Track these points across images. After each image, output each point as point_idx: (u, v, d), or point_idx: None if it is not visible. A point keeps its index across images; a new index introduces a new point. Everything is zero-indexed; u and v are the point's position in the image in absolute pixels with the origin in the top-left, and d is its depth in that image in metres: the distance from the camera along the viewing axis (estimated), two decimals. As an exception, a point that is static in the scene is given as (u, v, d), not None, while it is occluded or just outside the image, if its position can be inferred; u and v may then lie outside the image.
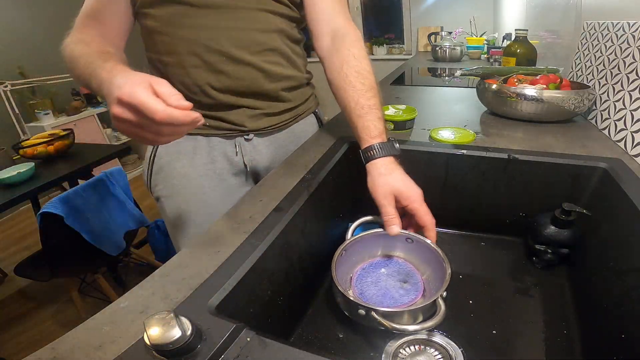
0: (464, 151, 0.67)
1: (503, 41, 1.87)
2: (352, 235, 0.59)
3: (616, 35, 0.71)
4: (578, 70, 0.88)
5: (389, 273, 0.58)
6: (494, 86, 0.84)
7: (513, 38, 1.33)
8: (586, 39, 0.85)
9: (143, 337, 0.29)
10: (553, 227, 0.59)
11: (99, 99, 3.02)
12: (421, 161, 0.70)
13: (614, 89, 0.69)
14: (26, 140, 1.77)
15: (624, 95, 0.66)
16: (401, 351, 0.46)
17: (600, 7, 0.84)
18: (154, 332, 0.28)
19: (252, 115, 0.73)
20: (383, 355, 0.46)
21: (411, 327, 0.43)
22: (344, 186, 0.71)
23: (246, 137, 0.76)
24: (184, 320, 0.29)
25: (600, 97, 0.74)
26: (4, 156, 1.81)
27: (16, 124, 2.60)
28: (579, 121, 0.80)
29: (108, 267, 1.78)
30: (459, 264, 0.62)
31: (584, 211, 0.54)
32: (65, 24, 0.62)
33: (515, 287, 0.60)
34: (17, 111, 2.57)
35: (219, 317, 0.34)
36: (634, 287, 0.42)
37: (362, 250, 0.60)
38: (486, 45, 2.06)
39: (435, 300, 0.46)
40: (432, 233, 0.55)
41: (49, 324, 1.68)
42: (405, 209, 0.56)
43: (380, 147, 0.58)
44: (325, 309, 0.58)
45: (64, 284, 1.61)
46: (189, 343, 0.29)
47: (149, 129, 0.39)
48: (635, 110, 0.62)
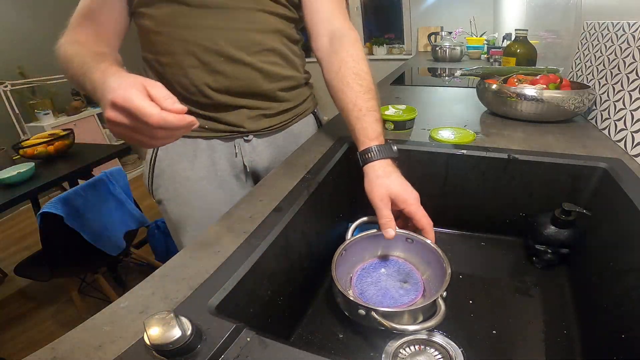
0: (464, 151, 0.67)
1: (503, 41, 1.87)
2: (352, 236, 0.59)
3: (616, 35, 0.71)
4: (578, 70, 0.88)
5: (389, 273, 0.58)
6: (494, 86, 0.84)
7: (513, 38, 1.33)
8: (586, 39, 0.85)
9: (143, 337, 0.29)
10: (553, 227, 0.59)
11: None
12: (421, 161, 0.70)
13: (614, 89, 0.69)
14: (26, 140, 1.77)
15: (624, 95, 0.66)
16: (401, 351, 0.46)
17: (600, 7, 0.84)
18: (154, 332, 0.28)
19: (251, 116, 0.73)
20: (383, 355, 0.46)
21: (411, 327, 0.43)
22: (343, 186, 0.71)
23: (245, 138, 0.76)
24: (184, 320, 0.29)
25: (600, 97, 0.74)
26: (4, 156, 1.81)
27: (16, 124, 2.60)
28: (579, 121, 0.80)
29: (108, 267, 1.78)
30: (459, 264, 0.62)
31: (584, 211, 0.54)
32: (65, 24, 0.62)
33: (515, 287, 0.59)
34: (17, 111, 2.57)
35: (219, 317, 0.34)
36: (634, 287, 0.42)
37: (362, 250, 0.60)
38: (486, 45, 2.06)
39: (435, 300, 0.46)
40: (430, 235, 0.55)
41: (49, 324, 1.68)
42: (402, 212, 0.56)
43: (377, 150, 0.58)
44: (325, 309, 0.58)
45: (64, 284, 1.61)
46: (189, 343, 0.29)
47: (143, 132, 0.39)
48: (635, 110, 0.62)
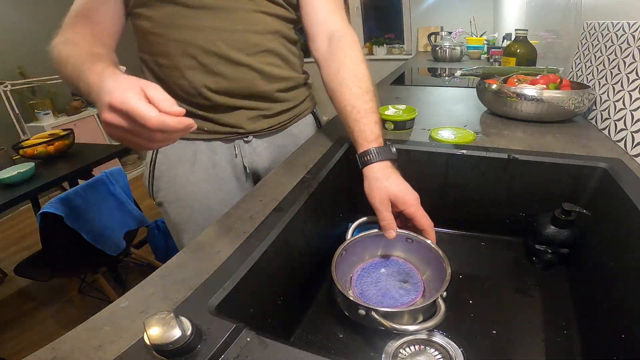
0: (464, 151, 0.67)
1: (503, 41, 1.87)
2: (352, 236, 0.59)
3: (616, 35, 0.71)
4: (578, 70, 0.88)
5: (389, 273, 0.58)
6: (494, 86, 0.84)
7: (513, 38, 1.33)
8: (586, 39, 0.85)
9: (143, 337, 0.29)
10: (553, 227, 0.59)
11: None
12: (421, 161, 0.70)
13: (614, 89, 0.69)
14: (26, 140, 1.77)
15: (624, 95, 0.66)
16: (401, 351, 0.46)
17: (600, 7, 0.84)
18: (154, 332, 0.28)
19: (250, 116, 0.73)
20: (383, 355, 0.46)
21: (411, 327, 0.43)
22: (343, 186, 0.71)
23: (245, 139, 0.75)
24: (184, 320, 0.29)
25: (600, 97, 0.74)
26: (4, 156, 1.81)
27: (16, 124, 2.60)
28: (579, 121, 0.80)
29: (108, 267, 1.78)
30: (459, 264, 0.62)
31: (584, 211, 0.54)
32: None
33: (515, 287, 0.59)
34: (17, 111, 2.57)
35: (219, 317, 0.34)
36: (634, 287, 0.42)
37: (362, 250, 0.60)
38: (486, 45, 2.06)
39: (435, 300, 0.46)
40: (431, 236, 0.55)
41: (49, 324, 1.68)
42: (402, 213, 0.56)
43: (376, 152, 0.58)
44: (325, 309, 0.58)
45: (64, 284, 1.61)
46: (189, 343, 0.29)
47: (141, 135, 0.38)
48: (635, 110, 0.62)
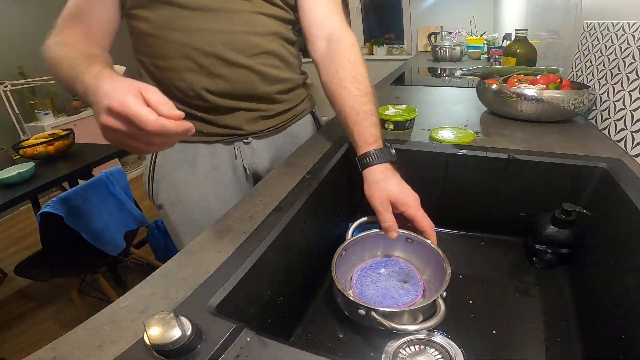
0: (464, 151, 0.67)
1: (503, 41, 1.87)
2: (352, 236, 0.59)
3: (616, 35, 0.71)
4: (578, 70, 0.88)
5: (389, 273, 0.58)
6: (494, 86, 0.84)
7: (513, 38, 1.33)
8: (586, 39, 0.85)
9: (143, 337, 0.29)
10: (553, 227, 0.59)
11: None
12: (421, 161, 0.70)
13: (614, 89, 0.69)
14: (26, 140, 1.77)
15: (624, 95, 0.66)
16: (401, 351, 0.46)
17: (600, 7, 0.84)
18: (154, 332, 0.28)
19: (250, 118, 0.72)
20: (383, 355, 0.46)
21: (411, 327, 0.43)
22: (343, 186, 0.71)
23: (245, 140, 0.75)
24: (184, 320, 0.29)
25: (600, 97, 0.74)
26: (4, 156, 1.81)
27: (16, 124, 2.60)
28: (579, 121, 0.80)
29: (108, 267, 1.78)
30: (459, 264, 0.62)
31: (584, 211, 0.54)
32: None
33: (515, 287, 0.59)
34: (17, 111, 2.57)
35: (219, 317, 0.34)
36: (634, 287, 0.42)
37: (362, 250, 0.60)
38: (486, 45, 2.06)
39: (435, 300, 0.46)
40: (432, 237, 0.55)
41: (49, 324, 1.68)
42: (402, 215, 0.56)
43: (376, 154, 0.58)
44: (325, 309, 0.58)
45: (64, 284, 1.61)
46: (189, 343, 0.29)
47: (139, 138, 0.38)
48: (635, 110, 0.62)
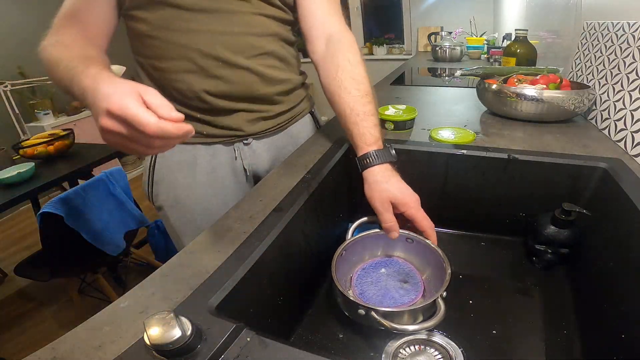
0: (464, 151, 0.67)
1: (503, 41, 1.87)
2: (352, 236, 0.59)
3: (616, 35, 0.71)
4: (578, 70, 0.88)
5: (389, 273, 0.58)
6: (494, 86, 0.84)
7: (513, 38, 1.33)
8: (586, 39, 0.85)
9: (143, 337, 0.29)
10: (553, 227, 0.59)
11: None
12: (421, 161, 0.70)
13: (614, 89, 0.69)
14: (26, 140, 1.77)
15: (624, 95, 0.66)
16: (401, 351, 0.46)
17: (600, 7, 0.84)
18: (154, 332, 0.28)
19: (249, 119, 0.72)
20: (383, 355, 0.46)
21: (410, 327, 0.43)
22: (343, 186, 0.71)
23: (245, 141, 0.75)
24: (184, 320, 0.29)
25: (600, 97, 0.74)
26: (4, 156, 1.81)
27: (16, 124, 2.60)
28: (579, 121, 0.80)
29: (108, 267, 1.78)
30: (459, 264, 0.62)
31: (584, 211, 0.54)
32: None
33: (515, 287, 0.59)
34: (17, 111, 2.57)
35: (219, 317, 0.34)
36: (634, 287, 0.42)
37: (362, 250, 0.60)
38: (486, 45, 2.06)
39: (435, 301, 0.46)
40: (432, 238, 0.55)
41: (49, 324, 1.68)
42: (403, 215, 0.56)
43: (376, 155, 0.58)
44: (325, 309, 0.58)
45: (64, 284, 1.61)
46: (189, 343, 0.29)
47: (139, 141, 0.37)
48: (635, 110, 0.62)
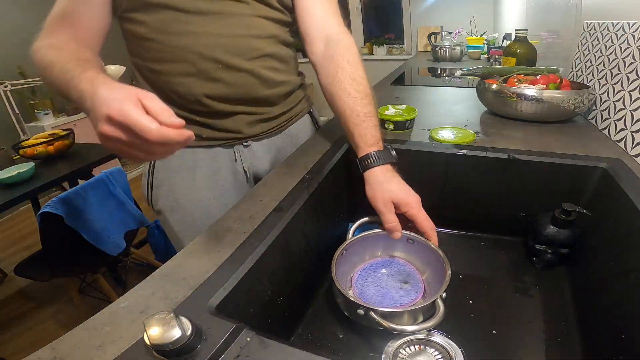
0: (464, 151, 0.67)
1: (503, 41, 1.87)
2: (353, 236, 0.59)
3: (616, 35, 0.71)
4: (578, 70, 0.88)
5: (389, 273, 0.58)
6: (494, 86, 0.84)
7: (513, 38, 1.33)
8: (586, 39, 0.85)
9: (143, 337, 0.29)
10: (553, 227, 0.59)
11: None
12: (421, 161, 0.70)
13: (614, 89, 0.69)
14: (26, 140, 1.77)
15: (624, 95, 0.66)
16: (401, 351, 0.46)
17: (600, 7, 0.84)
18: (154, 332, 0.28)
19: (249, 121, 0.72)
20: (383, 355, 0.46)
21: (410, 328, 0.43)
22: (343, 186, 0.71)
23: (244, 143, 0.75)
24: (184, 320, 0.29)
25: (600, 97, 0.74)
26: (4, 156, 1.81)
27: (16, 124, 2.60)
28: (579, 121, 0.80)
29: (108, 267, 1.78)
30: (459, 264, 0.62)
31: (584, 211, 0.54)
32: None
33: (515, 287, 0.59)
34: (17, 111, 2.57)
35: (219, 317, 0.34)
36: (634, 287, 0.42)
37: (363, 250, 0.60)
38: (486, 45, 2.06)
39: (435, 301, 0.46)
40: (433, 238, 0.55)
41: (49, 324, 1.68)
42: (403, 215, 0.56)
43: (377, 156, 0.58)
44: (325, 309, 0.58)
45: (64, 284, 1.61)
46: (189, 343, 0.29)
47: (139, 147, 0.37)
48: (635, 110, 0.62)
